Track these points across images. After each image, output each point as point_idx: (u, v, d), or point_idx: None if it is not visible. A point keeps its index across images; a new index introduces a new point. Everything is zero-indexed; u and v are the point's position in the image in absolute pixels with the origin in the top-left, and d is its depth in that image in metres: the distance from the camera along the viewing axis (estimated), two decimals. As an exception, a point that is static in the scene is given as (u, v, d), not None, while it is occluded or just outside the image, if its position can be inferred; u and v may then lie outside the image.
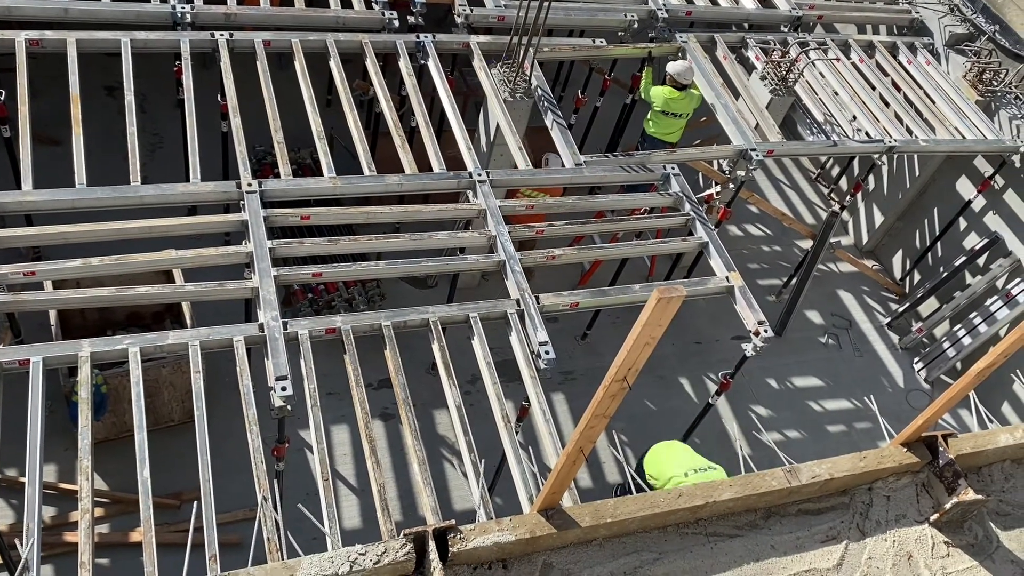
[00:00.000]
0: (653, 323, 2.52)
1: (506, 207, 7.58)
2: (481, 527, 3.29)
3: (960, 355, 10.70)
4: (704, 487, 3.65)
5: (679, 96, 9.63)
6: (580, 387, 9.58)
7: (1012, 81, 10.66)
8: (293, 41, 8.34)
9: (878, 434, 10.03)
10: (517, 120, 8.49)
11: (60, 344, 5.92)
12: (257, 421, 5.76)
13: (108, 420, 7.67)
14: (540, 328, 6.69)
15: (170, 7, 8.24)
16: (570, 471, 3.26)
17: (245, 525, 7.35)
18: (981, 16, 11.16)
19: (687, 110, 9.79)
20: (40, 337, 6.85)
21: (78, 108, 7.29)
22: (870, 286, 12.07)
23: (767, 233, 12.32)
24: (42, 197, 6.64)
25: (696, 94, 9.72)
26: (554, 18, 8.76)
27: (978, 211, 10.99)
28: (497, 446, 6.34)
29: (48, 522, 7.34)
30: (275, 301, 6.31)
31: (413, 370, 7.11)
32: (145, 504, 5.22)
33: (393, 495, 8.25)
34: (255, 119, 7.95)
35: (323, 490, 5.57)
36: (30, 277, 6.16)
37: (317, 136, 7.68)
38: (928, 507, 3.96)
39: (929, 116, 10.41)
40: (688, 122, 10.06)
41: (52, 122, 9.20)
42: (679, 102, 9.65)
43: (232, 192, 7.04)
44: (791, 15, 10.79)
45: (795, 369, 10.66)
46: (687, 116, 9.87)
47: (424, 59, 8.77)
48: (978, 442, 4.10)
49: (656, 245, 8.26)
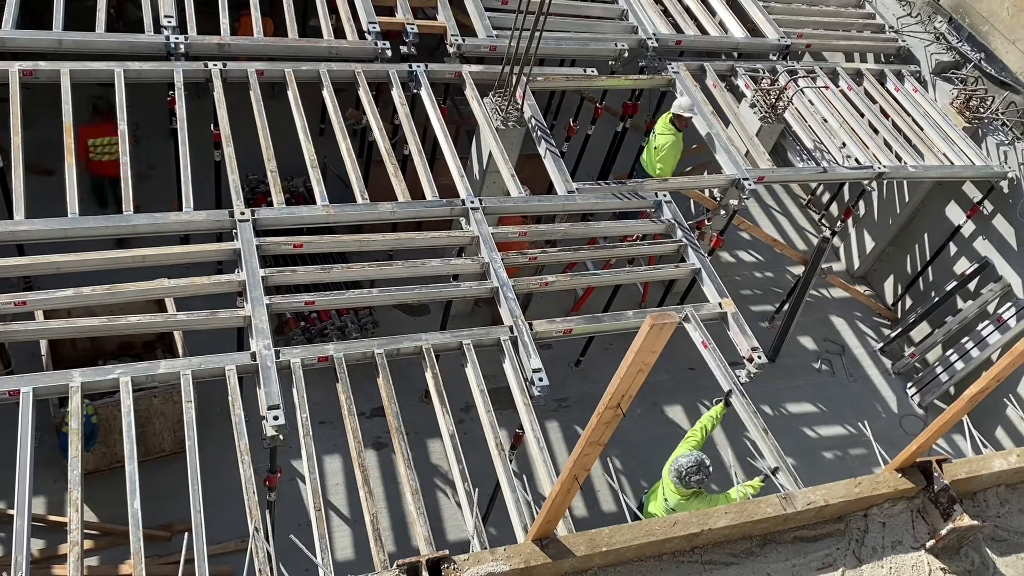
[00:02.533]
0: (647, 349, 2.52)
1: (499, 234, 7.61)
2: (475, 557, 3.27)
3: (953, 380, 10.72)
4: (700, 515, 3.64)
5: (667, 129, 9.66)
6: (574, 414, 9.55)
7: (998, 108, 10.79)
8: (286, 71, 8.40)
9: (872, 460, 10.01)
10: (509, 148, 8.55)
11: (51, 374, 5.89)
12: (249, 451, 5.72)
13: (98, 451, 7.60)
14: (534, 355, 6.69)
15: (163, 37, 8.29)
16: (564, 499, 3.24)
17: (237, 556, 7.27)
18: (967, 44, 11.32)
19: (658, 142, 9.74)
20: (30, 367, 6.82)
21: (71, 138, 7.31)
22: (862, 311, 12.10)
23: (759, 259, 12.37)
24: (34, 227, 6.64)
25: (672, 139, 9.68)
26: (545, 48, 8.85)
27: (968, 236, 11.07)
28: (491, 475, 6.30)
29: (37, 555, 7.24)
30: (268, 330, 6.29)
31: (406, 398, 7.08)
32: (135, 536, 5.16)
33: (386, 525, 8.18)
34: (248, 148, 7.98)
35: (315, 520, 5.51)
36: (21, 307, 6.13)
37: (310, 164, 7.71)
38: (924, 533, 3.95)
39: (918, 143, 10.51)
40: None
41: (45, 152, 9.21)
42: (662, 134, 9.69)
43: (225, 221, 7.04)
44: (779, 44, 10.92)
45: (788, 395, 10.66)
46: (658, 149, 9.75)
47: (417, 88, 8.83)
48: (973, 467, 4.10)
49: (649, 272, 8.29)
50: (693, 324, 7.41)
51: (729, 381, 7.11)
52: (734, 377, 7.17)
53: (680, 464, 6.61)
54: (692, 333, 7.42)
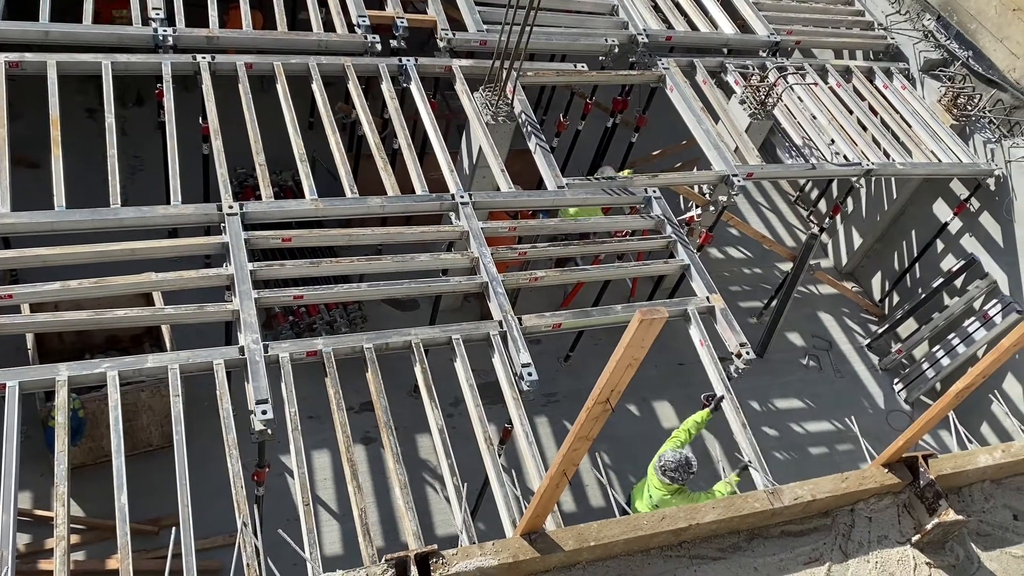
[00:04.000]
0: (636, 344, 2.52)
1: (488, 229, 7.60)
2: (464, 551, 3.27)
3: (939, 376, 10.79)
4: (687, 510, 3.65)
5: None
6: (563, 409, 9.56)
7: (985, 106, 10.84)
8: (275, 64, 8.36)
9: (859, 455, 10.03)
10: (499, 143, 8.54)
11: (37, 368, 5.85)
12: (237, 445, 5.70)
13: (85, 445, 7.57)
14: (523, 350, 6.69)
15: (152, 30, 8.23)
16: (553, 494, 3.25)
17: (225, 551, 7.25)
18: (955, 42, 11.37)
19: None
20: (17, 361, 6.76)
21: (58, 130, 7.25)
22: (850, 308, 12.16)
23: (748, 255, 12.41)
24: (20, 219, 6.59)
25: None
26: (536, 43, 8.83)
27: (954, 233, 11.13)
28: (480, 469, 6.30)
29: (23, 549, 7.20)
30: (256, 324, 6.27)
31: (395, 393, 7.07)
32: (122, 530, 5.14)
33: (375, 520, 8.17)
34: (237, 141, 7.94)
35: (304, 515, 5.51)
36: (7, 300, 6.10)
37: (299, 158, 7.68)
38: (910, 528, 3.98)
39: (906, 140, 10.56)
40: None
41: (32, 144, 9.14)
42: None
43: (213, 214, 7.01)
44: (769, 40, 10.94)
45: (776, 391, 10.70)
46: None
47: (406, 82, 8.81)
48: (958, 462, 4.13)
49: (638, 267, 8.30)
50: (694, 323, 7.42)
51: (723, 386, 7.08)
52: (727, 382, 7.13)
53: (666, 460, 6.65)
54: (692, 331, 7.45)
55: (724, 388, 7.07)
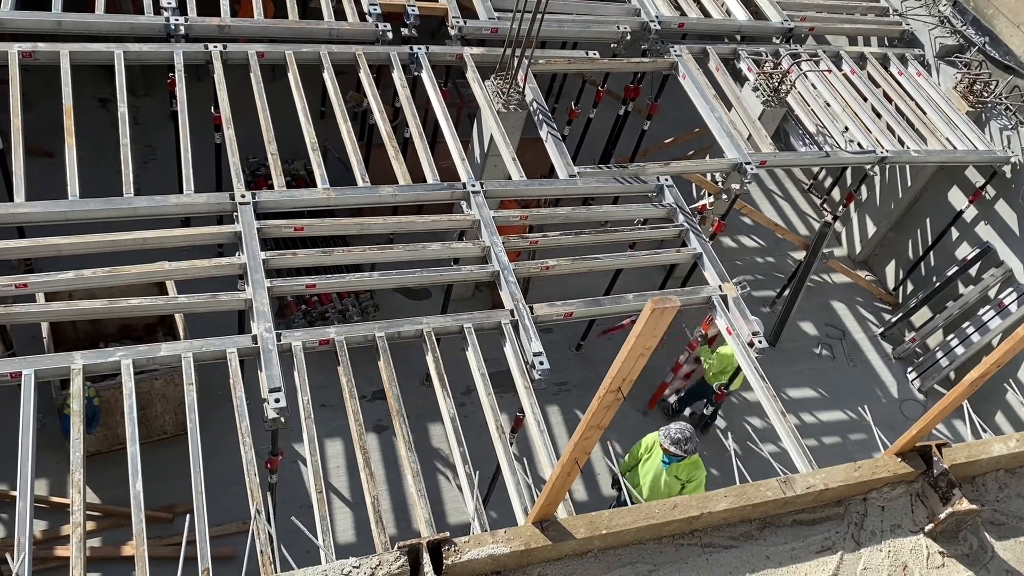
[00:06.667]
0: (647, 333, 2.52)
1: (500, 218, 7.59)
2: (475, 539, 3.28)
3: (953, 365, 10.73)
4: (699, 498, 3.65)
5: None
6: (574, 398, 9.56)
7: (1002, 92, 10.73)
8: (287, 53, 8.35)
9: (872, 444, 10.02)
10: (511, 131, 8.51)
11: (52, 356, 5.89)
12: (250, 433, 5.73)
13: (100, 433, 7.63)
14: (534, 339, 6.69)
15: (163, 19, 8.24)
16: (565, 482, 3.25)
17: (238, 538, 7.31)
18: (971, 28, 11.24)
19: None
20: (32, 349, 6.82)
21: (71, 120, 7.28)
22: (863, 296, 12.09)
23: (760, 244, 12.35)
24: (34, 209, 6.63)
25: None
26: (547, 30, 8.79)
27: (970, 221, 11.04)
28: (492, 458, 6.32)
29: (39, 536, 7.28)
30: (268, 313, 6.30)
31: (407, 381, 7.08)
32: (137, 517, 5.18)
33: (387, 507, 8.22)
34: (248, 131, 7.95)
35: (316, 502, 5.54)
36: (22, 289, 6.14)
37: (311, 147, 7.68)
38: (923, 517, 3.96)
39: (920, 127, 10.46)
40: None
41: (45, 134, 9.18)
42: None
43: (225, 204, 7.03)
44: (783, 27, 10.85)
45: (789, 379, 10.67)
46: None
47: (418, 71, 8.79)
48: (972, 452, 4.11)
49: (651, 256, 8.27)
50: (719, 311, 7.44)
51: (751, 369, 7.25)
52: (755, 363, 7.25)
53: (673, 436, 7.08)
54: (718, 320, 7.47)
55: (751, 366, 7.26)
